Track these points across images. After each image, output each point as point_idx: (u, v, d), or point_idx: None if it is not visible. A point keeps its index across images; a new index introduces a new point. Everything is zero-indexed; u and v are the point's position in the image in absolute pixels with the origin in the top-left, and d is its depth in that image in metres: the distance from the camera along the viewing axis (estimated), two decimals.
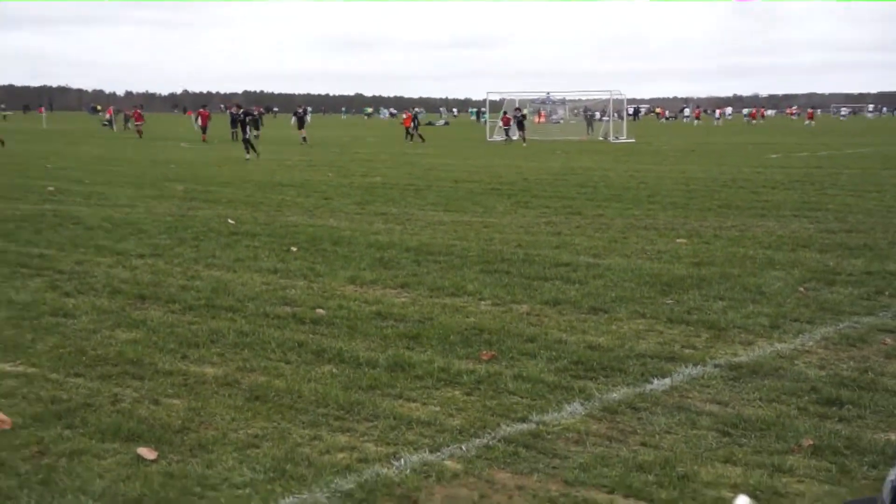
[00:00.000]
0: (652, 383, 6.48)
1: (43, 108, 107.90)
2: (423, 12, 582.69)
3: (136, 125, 53.78)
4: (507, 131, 49.74)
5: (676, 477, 4.86)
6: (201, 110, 51.62)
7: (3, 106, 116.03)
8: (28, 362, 6.91)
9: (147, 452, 5.10)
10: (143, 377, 6.56)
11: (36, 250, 11.84)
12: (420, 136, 49.40)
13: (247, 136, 32.85)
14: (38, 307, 8.62)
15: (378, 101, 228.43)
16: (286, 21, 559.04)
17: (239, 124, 34.63)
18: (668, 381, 6.53)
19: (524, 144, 46.08)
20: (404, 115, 59.92)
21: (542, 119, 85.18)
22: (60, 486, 4.64)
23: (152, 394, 6.21)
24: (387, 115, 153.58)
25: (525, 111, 53.48)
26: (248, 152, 31.53)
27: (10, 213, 15.42)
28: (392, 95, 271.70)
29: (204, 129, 48.57)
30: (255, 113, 50.93)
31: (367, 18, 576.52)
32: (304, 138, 45.58)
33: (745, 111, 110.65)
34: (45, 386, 6.31)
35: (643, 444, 5.35)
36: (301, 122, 48.15)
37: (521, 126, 50.09)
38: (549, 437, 5.46)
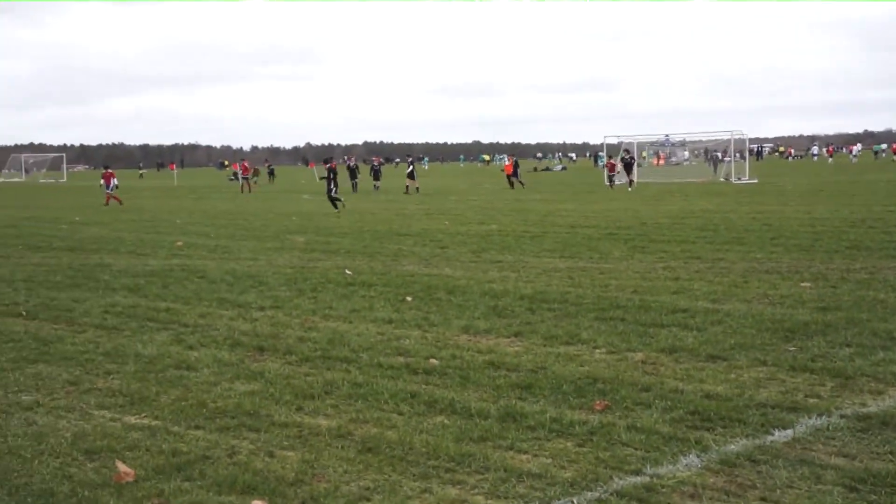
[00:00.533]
0: (773, 434, 6.25)
1: (174, 165, 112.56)
2: (539, 57, 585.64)
3: (244, 177, 55.58)
4: (611, 178, 48.63)
5: None
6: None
7: (140, 165, 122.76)
8: (152, 415, 7.14)
9: None
10: (259, 429, 6.70)
11: (163, 304, 12.28)
12: (521, 182, 49.81)
13: (331, 193, 32.89)
14: (163, 360, 8.91)
15: (495, 148, 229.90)
16: (404, 71, 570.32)
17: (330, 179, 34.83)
18: (790, 432, 6.28)
19: (629, 189, 45.42)
20: (506, 162, 60.04)
21: (662, 161, 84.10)
22: None
23: (267, 446, 6.32)
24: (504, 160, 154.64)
25: (631, 154, 52.63)
26: (335, 207, 32.01)
27: (141, 269, 16.07)
28: (509, 141, 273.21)
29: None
30: (352, 164, 52.61)
31: (482, 66, 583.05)
32: (416, 188, 46.00)
33: (879, 147, 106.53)
34: (167, 438, 6.50)
35: (763, 500, 5.15)
36: (411, 174, 48.25)
37: (628, 169, 49.57)
38: (663, 490, 5.31)
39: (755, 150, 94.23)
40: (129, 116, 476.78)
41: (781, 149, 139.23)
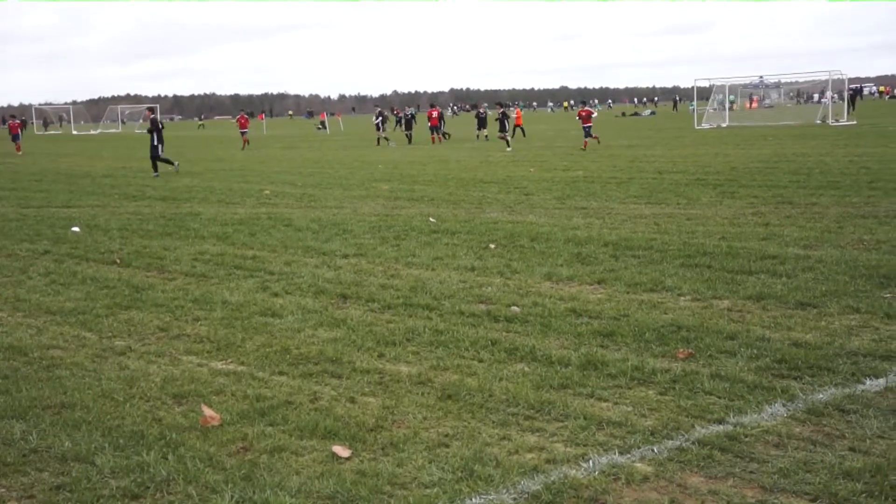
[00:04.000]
0: (864, 384, 6.06)
1: (263, 115, 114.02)
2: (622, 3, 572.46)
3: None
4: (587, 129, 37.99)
5: (889, 486, 4.52)
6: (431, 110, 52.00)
7: (202, 117, 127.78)
8: (237, 361, 7.28)
9: (341, 450, 5.25)
10: (341, 375, 6.77)
11: (250, 252, 12.49)
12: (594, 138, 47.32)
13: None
14: (248, 307, 9.07)
15: (584, 93, 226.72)
16: (490, 17, 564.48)
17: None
18: (882, 381, 6.09)
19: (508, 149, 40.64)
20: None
21: (755, 105, 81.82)
22: (261, 482, 4.85)
23: (349, 392, 6.39)
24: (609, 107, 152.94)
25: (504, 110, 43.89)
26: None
27: (229, 217, 16.35)
28: (597, 87, 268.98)
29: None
30: (408, 114, 52.65)
31: (570, 10, 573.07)
32: (486, 136, 45.36)
33: None
34: (252, 384, 6.62)
35: (851, 450, 5.00)
36: (481, 122, 47.31)
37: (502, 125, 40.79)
38: (746, 439, 5.20)
39: (855, 90, 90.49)
40: (221, 67, 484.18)
41: (883, 88, 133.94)
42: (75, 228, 15.16)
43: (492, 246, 12.17)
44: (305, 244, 12.98)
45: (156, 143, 28.36)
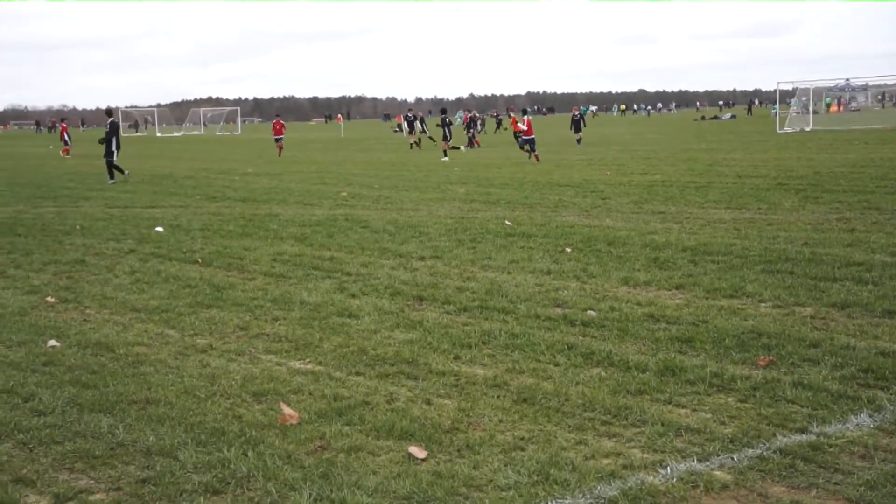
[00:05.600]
0: None
1: (340, 118, 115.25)
2: (706, 3, 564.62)
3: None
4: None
5: None
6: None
7: (253, 118, 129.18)
8: (315, 360, 7.37)
9: (418, 451, 5.28)
10: (417, 377, 6.81)
11: (328, 253, 12.63)
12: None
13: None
14: (326, 308, 9.18)
15: (661, 97, 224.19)
16: (567, 20, 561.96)
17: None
18: None
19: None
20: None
21: (840, 108, 79.85)
22: (338, 481, 4.90)
23: (425, 394, 6.42)
24: (669, 110, 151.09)
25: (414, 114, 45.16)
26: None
27: (307, 218, 16.57)
28: (675, 90, 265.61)
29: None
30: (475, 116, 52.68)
31: (646, 14, 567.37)
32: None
33: None
34: (329, 383, 6.70)
35: None
36: (577, 126, 47.07)
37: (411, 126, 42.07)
38: (830, 450, 5.08)
39: None
40: (300, 70, 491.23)
41: None
42: (159, 228, 15.53)
43: (568, 250, 12.11)
44: (382, 246, 13.09)
45: (112, 148, 26.93)
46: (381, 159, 38.13)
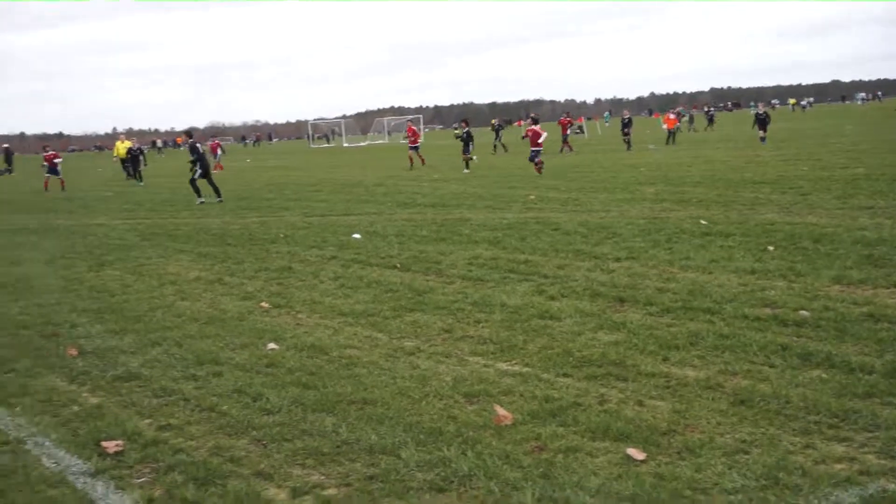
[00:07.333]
0: None
1: (521, 122, 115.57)
2: None
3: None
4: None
5: None
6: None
7: (455, 125, 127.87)
8: (521, 362, 7.43)
9: (636, 453, 5.24)
10: (626, 378, 6.75)
11: (522, 256, 12.70)
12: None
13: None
14: (526, 310, 9.23)
15: (856, 87, 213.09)
16: (753, 13, 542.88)
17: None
18: None
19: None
20: (671, 116, 52.07)
21: None
22: (559, 481, 4.93)
23: (636, 395, 6.36)
24: (860, 100, 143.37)
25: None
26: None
27: (498, 222, 16.72)
28: (874, 78, 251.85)
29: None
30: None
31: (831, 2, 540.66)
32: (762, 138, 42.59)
33: None
34: (538, 385, 6.73)
35: None
36: (762, 124, 44.69)
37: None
38: None
39: None
40: (478, 77, 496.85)
41: None
42: (356, 235, 16.05)
43: (770, 248, 11.69)
44: (576, 248, 13.04)
45: (198, 168, 26.45)
46: (564, 161, 37.96)
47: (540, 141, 29.80)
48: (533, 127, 31.38)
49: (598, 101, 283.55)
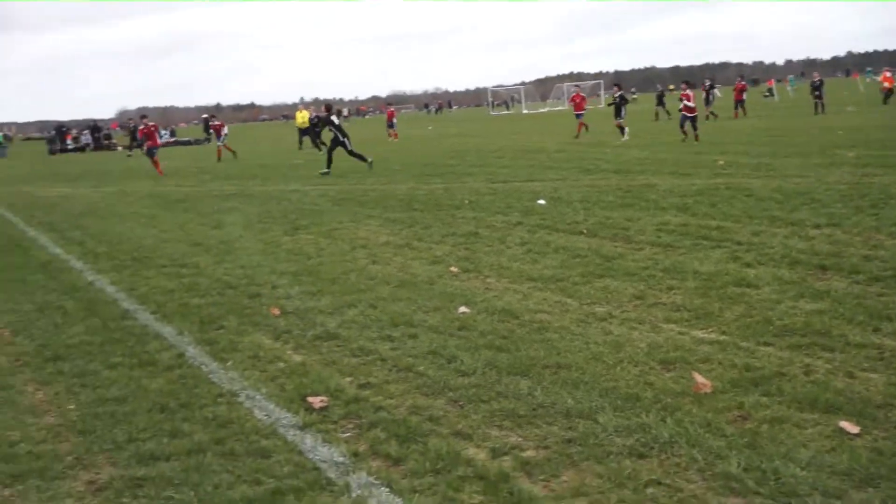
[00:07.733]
0: None
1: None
2: None
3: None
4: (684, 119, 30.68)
5: None
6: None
7: (633, 90, 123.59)
8: (718, 330, 7.22)
9: (849, 426, 4.99)
10: (833, 349, 6.44)
11: (713, 222, 12.32)
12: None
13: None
14: (721, 277, 8.94)
15: None
16: None
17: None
18: None
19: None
20: (888, 74, 47.36)
21: None
22: (766, 451, 4.76)
23: (845, 366, 6.06)
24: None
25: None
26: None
27: (686, 188, 16.27)
28: None
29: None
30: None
31: None
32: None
33: None
34: (738, 353, 6.52)
35: None
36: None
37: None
38: None
39: None
40: (663, 40, 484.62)
41: None
42: (541, 201, 15.99)
43: None
44: (770, 214, 12.54)
45: (341, 138, 26.62)
46: (753, 126, 36.53)
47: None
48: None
49: (788, 62, 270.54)
